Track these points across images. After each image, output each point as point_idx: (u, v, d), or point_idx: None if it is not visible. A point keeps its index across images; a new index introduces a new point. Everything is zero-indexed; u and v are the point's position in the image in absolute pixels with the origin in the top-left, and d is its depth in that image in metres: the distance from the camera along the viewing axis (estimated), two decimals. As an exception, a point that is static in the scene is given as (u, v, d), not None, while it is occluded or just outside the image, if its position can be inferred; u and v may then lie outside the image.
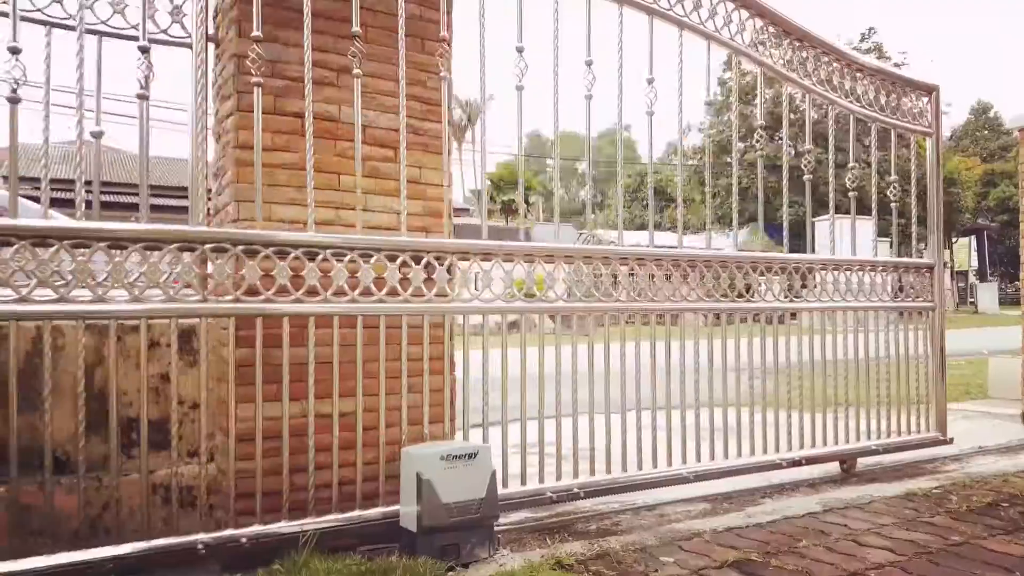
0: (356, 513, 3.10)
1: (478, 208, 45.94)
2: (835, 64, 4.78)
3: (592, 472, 3.75)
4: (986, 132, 44.12)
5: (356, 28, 3.17)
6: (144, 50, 3.06)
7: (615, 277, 3.83)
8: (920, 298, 5.10)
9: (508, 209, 43.43)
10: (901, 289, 4.99)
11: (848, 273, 4.73)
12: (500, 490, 3.34)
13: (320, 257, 3.04)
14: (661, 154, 49.31)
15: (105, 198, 3.56)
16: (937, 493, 4.08)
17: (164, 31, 3.39)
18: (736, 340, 4.25)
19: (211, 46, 3.38)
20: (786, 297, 4.46)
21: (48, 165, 2.78)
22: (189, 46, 3.38)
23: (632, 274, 3.89)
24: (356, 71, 3.18)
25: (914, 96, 5.19)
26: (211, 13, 3.33)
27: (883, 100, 5.00)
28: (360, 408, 3.15)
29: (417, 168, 3.42)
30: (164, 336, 3.00)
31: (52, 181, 2.92)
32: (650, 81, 3.97)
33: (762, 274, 4.34)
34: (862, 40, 36.85)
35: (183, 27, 3.40)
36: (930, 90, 5.25)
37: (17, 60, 2.68)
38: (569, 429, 3.68)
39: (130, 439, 2.94)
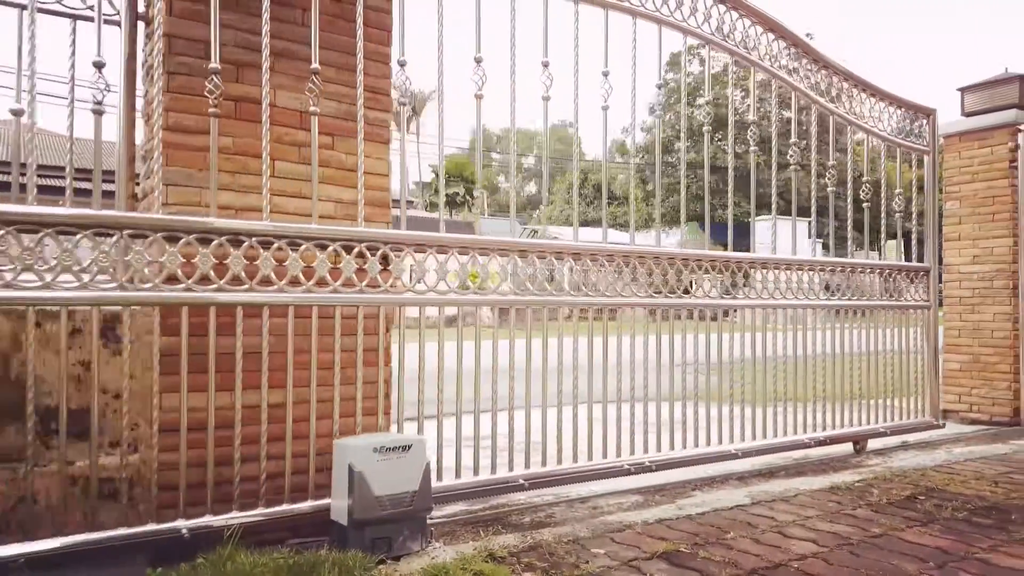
0: (286, 507, 3.05)
1: (424, 200, 45.77)
2: (855, 90, 5.37)
3: (652, 448, 4.24)
4: (895, 133, 45.79)
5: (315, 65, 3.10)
6: None
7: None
8: (918, 297, 5.72)
9: (453, 202, 43.27)
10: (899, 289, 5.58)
11: (861, 275, 5.35)
12: (437, 482, 3.37)
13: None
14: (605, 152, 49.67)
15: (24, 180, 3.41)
16: (860, 486, 4.23)
17: (90, 7, 3.27)
18: (773, 335, 4.86)
19: (141, 24, 3.27)
20: (815, 295, 5.04)
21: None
22: (117, 23, 3.27)
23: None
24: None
25: (915, 118, 5.75)
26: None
27: (895, 124, 5.60)
28: (315, 399, 3.10)
29: (355, 156, 3.36)
30: (88, 323, 2.89)
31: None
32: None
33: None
34: None
35: (111, 4, 3.29)
36: (928, 113, 5.86)
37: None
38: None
39: (49, 428, 2.83)
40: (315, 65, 3.19)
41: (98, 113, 3.17)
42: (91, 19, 3.30)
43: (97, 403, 2.80)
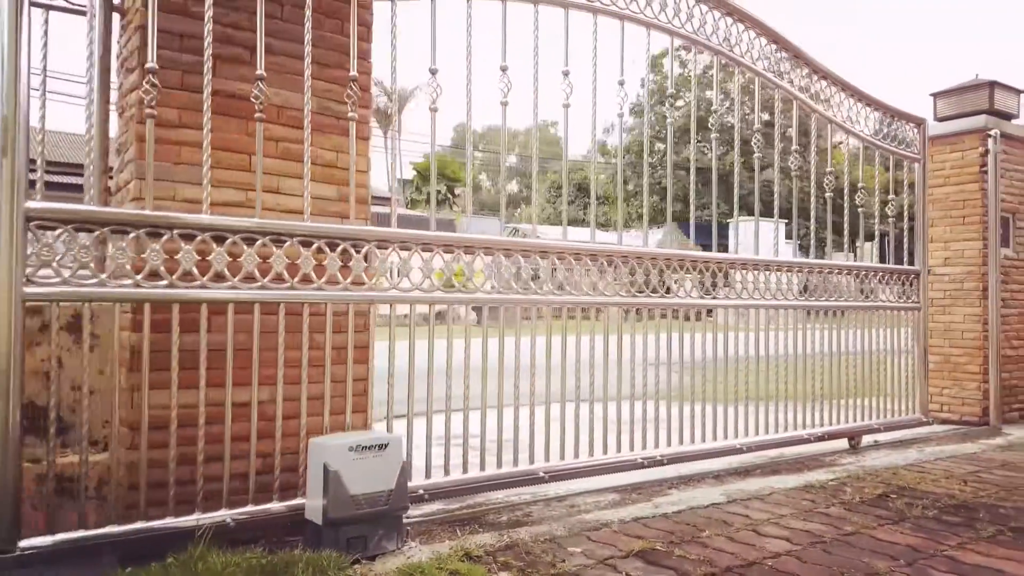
0: (260, 506, 3.02)
1: (420, 197, 45.60)
2: (851, 100, 5.68)
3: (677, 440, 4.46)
4: (890, 142, 46.64)
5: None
6: None
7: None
8: (910, 299, 6.02)
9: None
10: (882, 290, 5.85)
11: (859, 278, 5.65)
12: (419, 481, 3.37)
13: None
14: (585, 152, 49.91)
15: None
16: (833, 485, 4.27)
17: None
18: (776, 335, 5.13)
19: (116, 16, 3.23)
20: (823, 297, 5.38)
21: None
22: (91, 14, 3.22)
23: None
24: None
25: (906, 127, 6.08)
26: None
27: (885, 130, 5.92)
28: (281, 397, 3.08)
29: (334, 152, 3.34)
30: (58, 319, 2.84)
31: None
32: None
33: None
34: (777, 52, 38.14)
35: (86, -6, 3.24)
36: (919, 123, 6.17)
37: None
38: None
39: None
40: (353, 72, 3.29)
41: (151, 116, 3.14)
42: (64, 10, 3.27)
43: (68, 401, 2.76)
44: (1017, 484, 4.31)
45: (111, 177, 3.30)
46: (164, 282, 2.80)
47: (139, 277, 2.76)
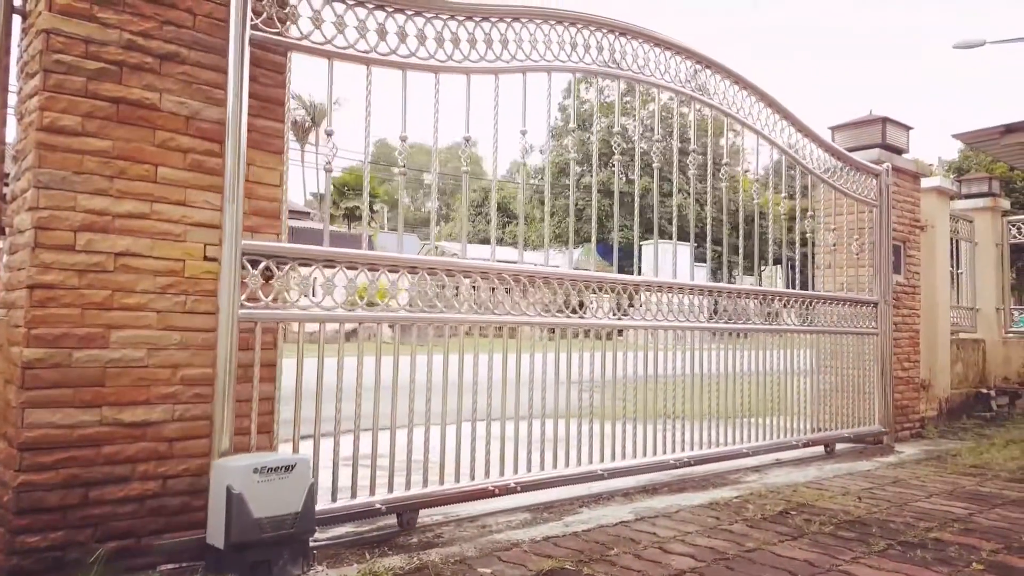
0: (158, 530, 2.89)
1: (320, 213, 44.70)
2: (820, 151, 6.44)
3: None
4: (792, 171, 49.08)
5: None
6: None
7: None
8: (870, 325, 6.77)
9: (352, 216, 42.52)
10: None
11: (835, 306, 6.51)
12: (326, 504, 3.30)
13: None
14: (505, 172, 50.37)
15: None
16: (737, 502, 4.41)
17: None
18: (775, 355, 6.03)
19: (17, 19, 3.09)
20: (808, 324, 6.25)
21: None
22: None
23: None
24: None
25: (865, 177, 6.85)
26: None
27: (852, 180, 6.70)
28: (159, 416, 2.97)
29: (247, 165, 3.26)
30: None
31: None
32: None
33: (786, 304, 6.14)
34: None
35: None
36: (876, 174, 6.94)
37: None
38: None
39: None
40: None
41: (327, 171, 3.30)
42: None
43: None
44: (906, 500, 4.56)
45: (7, 184, 3.14)
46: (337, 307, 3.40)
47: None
